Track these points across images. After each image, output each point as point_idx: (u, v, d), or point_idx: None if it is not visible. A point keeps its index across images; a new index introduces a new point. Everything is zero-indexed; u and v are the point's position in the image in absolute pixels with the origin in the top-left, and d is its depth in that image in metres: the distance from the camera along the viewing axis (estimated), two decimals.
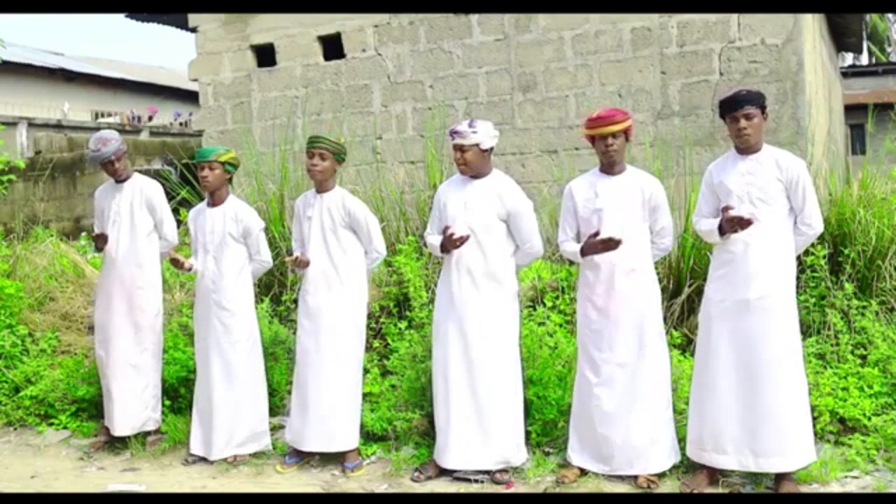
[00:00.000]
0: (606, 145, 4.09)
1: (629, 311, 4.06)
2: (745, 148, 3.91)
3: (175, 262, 4.83)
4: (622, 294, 4.06)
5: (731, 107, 3.85)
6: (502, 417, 4.23)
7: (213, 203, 4.85)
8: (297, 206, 4.77)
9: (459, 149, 4.24)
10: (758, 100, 3.85)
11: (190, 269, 4.86)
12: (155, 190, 5.09)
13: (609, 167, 4.17)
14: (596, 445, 4.14)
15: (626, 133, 4.11)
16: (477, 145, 4.23)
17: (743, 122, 3.84)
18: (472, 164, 4.27)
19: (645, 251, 4.14)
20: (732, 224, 3.76)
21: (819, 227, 3.97)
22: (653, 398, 4.08)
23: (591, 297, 4.15)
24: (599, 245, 4.02)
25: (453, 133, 4.26)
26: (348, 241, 4.58)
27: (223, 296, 4.75)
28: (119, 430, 4.99)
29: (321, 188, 4.62)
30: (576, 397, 4.26)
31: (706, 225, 4.00)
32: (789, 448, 3.80)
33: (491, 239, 4.25)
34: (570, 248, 4.22)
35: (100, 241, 5.06)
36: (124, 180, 5.09)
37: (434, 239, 4.39)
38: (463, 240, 4.16)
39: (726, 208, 3.81)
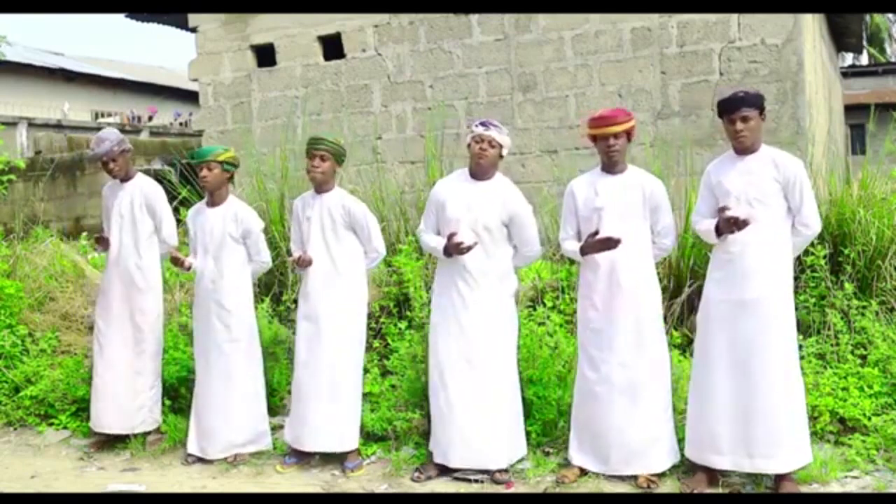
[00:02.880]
0: (608, 145, 4.09)
1: (629, 310, 4.05)
2: (743, 149, 3.91)
3: (175, 261, 4.82)
4: (622, 293, 4.05)
5: (729, 108, 3.84)
6: (504, 416, 4.24)
7: (213, 203, 4.84)
8: (295, 207, 4.76)
9: (489, 142, 4.22)
10: (756, 101, 3.84)
11: (189, 269, 4.85)
12: (155, 191, 5.05)
13: (610, 167, 4.17)
14: (595, 445, 4.14)
15: (628, 133, 4.12)
16: (502, 146, 4.28)
17: (740, 125, 3.83)
18: (491, 160, 4.27)
19: (645, 251, 4.14)
20: (729, 224, 3.76)
21: (817, 228, 3.97)
22: (652, 398, 4.07)
23: (591, 297, 4.14)
24: (598, 244, 4.02)
25: (490, 125, 4.24)
26: (348, 241, 4.58)
27: (223, 296, 4.75)
28: (109, 427, 4.97)
29: (320, 189, 4.62)
30: (576, 397, 4.26)
31: (704, 225, 4.00)
32: (783, 449, 3.80)
33: (493, 241, 4.26)
34: (571, 246, 4.23)
35: (101, 244, 5.06)
36: (127, 180, 5.08)
37: (433, 240, 4.37)
38: (470, 248, 4.14)
39: (723, 209, 3.81)
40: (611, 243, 3.98)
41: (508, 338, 4.31)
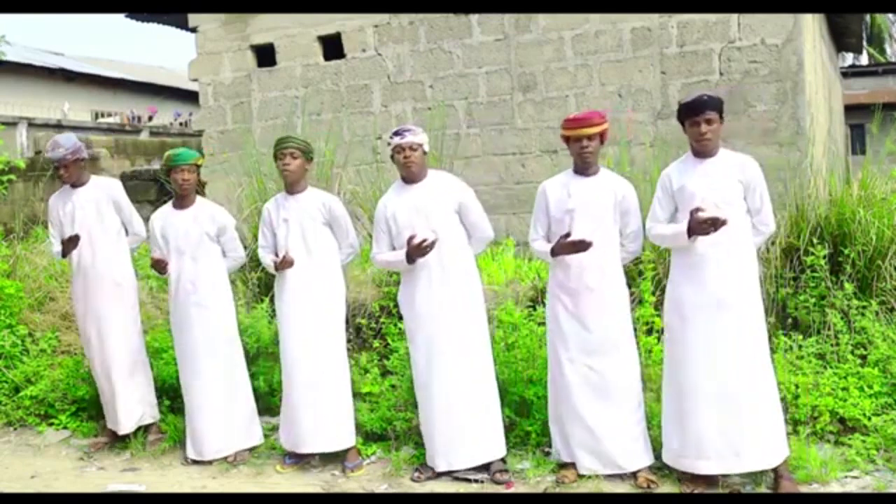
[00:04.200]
0: (582, 147, 4.10)
1: (598, 311, 4.07)
2: (705, 152, 3.93)
3: (158, 263, 4.80)
4: (592, 295, 4.06)
5: (693, 111, 3.86)
6: (487, 411, 4.26)
7: (183, 206, 4.85)
8: (266, 211, 4.74)
9: (409, 147, 4.27)
10: (718, 106, 3.87)
11: (164, 273, 4.84)
12: (119, 190, 5.14)
13: (583, 168, 4.18)
14: (572, 442, 4.16)
15: (601, 136, 4.13)
16: (422, 145, 4.31)
17: (704, 127, 3.85)
18: (419, 163, 4.31)
19: (615, 253, 4.15)
20: (706, 226, 3.75)
21: (773, 227, 4.06)
22: (623, 398, 4.08)
23: (560, 297, 4.15)
24: (570, 246, 4.02)
25: (404, 132, 4.29)
26: (326, 238, 4.62)
27: (204, 296, 4.76)
28: (125, 427, 5.00)
29: (293, 189, 4.64)
30: (550, 396, 4.28)
31: (669, 229, 3.98)
32: (767, 445, 3.82)
33: (450, 234, 4.29)
34: (541, 247, 4.23)
35: (71, 245, 4.95)
36: (78, 185, 5.06)
37: (391, 255, 4.39)
38: (432, 244, 4.16)
39: (697, 210, 3.80)
40: (582, 246, 3.98)
41: (482, 333, 4.33)
